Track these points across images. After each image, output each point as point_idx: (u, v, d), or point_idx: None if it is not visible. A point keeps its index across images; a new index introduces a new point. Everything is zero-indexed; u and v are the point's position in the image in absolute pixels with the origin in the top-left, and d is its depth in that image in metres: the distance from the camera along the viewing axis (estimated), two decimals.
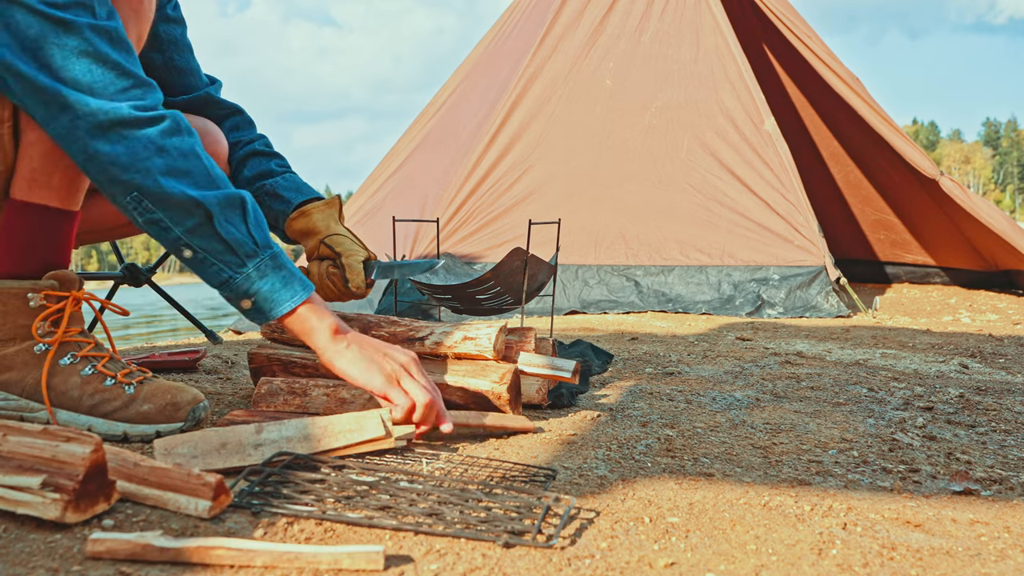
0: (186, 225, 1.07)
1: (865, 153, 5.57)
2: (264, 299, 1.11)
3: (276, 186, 1.47)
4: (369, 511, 0.88)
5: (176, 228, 1.07)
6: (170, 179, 1.04)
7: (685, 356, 2.26)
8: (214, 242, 1.08)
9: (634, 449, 1.23)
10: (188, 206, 1.06)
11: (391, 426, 1.08)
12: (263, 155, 1.51)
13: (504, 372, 1.35)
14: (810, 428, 1.40)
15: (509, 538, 0.82)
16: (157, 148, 1.04)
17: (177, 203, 1.05)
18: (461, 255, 3.96)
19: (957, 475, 1.15)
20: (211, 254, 1.08)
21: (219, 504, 0.86)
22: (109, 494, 0.84)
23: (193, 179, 1.06)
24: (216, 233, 1.07)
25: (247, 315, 1.13)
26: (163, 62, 1.43)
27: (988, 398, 1.70)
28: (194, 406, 1.20)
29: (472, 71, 5.29)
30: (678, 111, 4.33)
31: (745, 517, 0.94)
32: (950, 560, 0.84)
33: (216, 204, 1.07)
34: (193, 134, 1.09)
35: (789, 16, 4.65)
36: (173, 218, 1.06)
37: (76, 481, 0.80)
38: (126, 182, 1.04)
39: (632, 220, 4.09)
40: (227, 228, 1.08)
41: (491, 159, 4.21)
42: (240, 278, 1.09)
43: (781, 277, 3.81)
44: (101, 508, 0.83)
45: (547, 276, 1.79)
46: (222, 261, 1.09)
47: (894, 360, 2.25)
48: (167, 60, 1.44)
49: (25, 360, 1.18)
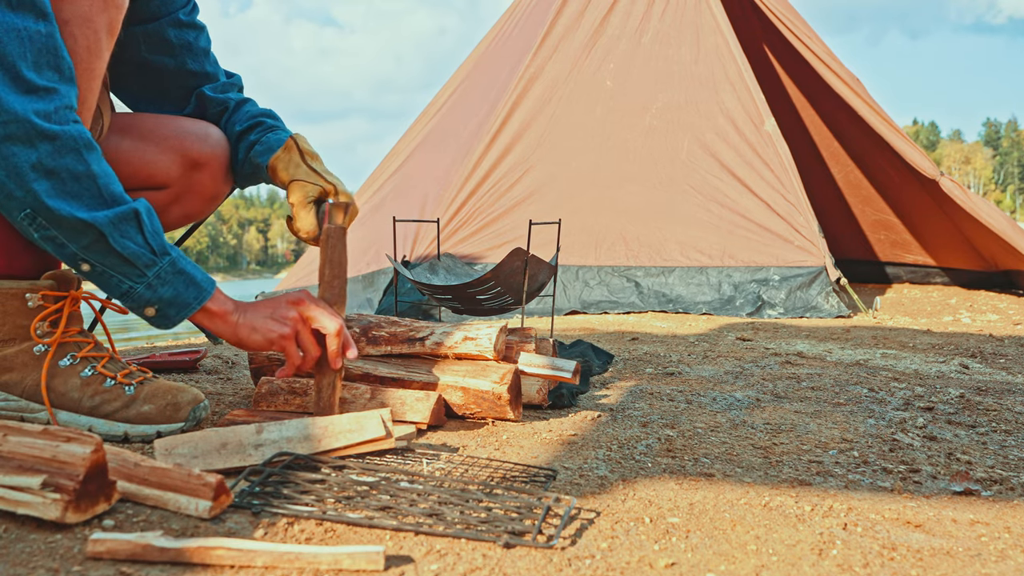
0: (81, 243, 1.04)
1: (865, 153, 5.57)
2: (168, 305, 1.09)
3: (256, 155, 1.41)
4: (369, 511, 0.88)
5: (72, 245, 1.04)
6: (59, 201, 1.01)
7: (686, 356, 2.26)
8: (111, 257, 1.06)
9: (635, 449, 1.23)
10: (80, 227, 1.03)
11: (391, 426, 1.08)
12: (243, 102, 1.46)
13: (504, 372, 1.35)
14: (810, 428, 1.40)
15: (509, 538, 0.82)
16: (46, 171, 1.00)
17: (69, 224, 1.02)
18: (462, 255, 3.96)
19: (957, 475, 1.15)
20: (109, 268, 1.06)
21: (219, 504, 0.86)
22: (110, 494, 0.84)
23: (83, 201, 1.03)
24: (112, 249, 1.05)
25: (152, 322, 1.12)
26: (176, 67, 1.42)
27: (988, 398, 1.70)
28: (194, 406, 1.20)
29: (472, 71, 5.29)
30: (678, 112, 4.33)
31: (745, 517, 0.94)
32: (950, 560, 0.84)
33: (108, 223, 1.04)
34: (93, 149, 1.05)
35: (789, 17, 4.65)
36: (68, 236, 1.03)
37: (76, 481, 0.80)
38: (20, 199, 1.00)
39: (632, 221, 4.09)
40: (123, 243, 1.05)
41: (492, 159, 4.21)
42: (141, 288, 1.08)
43: (781, 278, 3.80)
44: (102, 508, 0.83)
45: (547, 276, 1.79)
46: (121, 273, 1.07)
47: (894, 360, 2.25)
48: (180, 65, 1.43)
49: (25, 361, 1.18)
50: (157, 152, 1.37)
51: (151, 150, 1.37)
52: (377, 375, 1.39)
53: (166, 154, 1.37)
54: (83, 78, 1.08)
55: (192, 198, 1.43)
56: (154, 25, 1.37)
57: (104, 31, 1.09)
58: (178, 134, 1.38)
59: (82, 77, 1.08)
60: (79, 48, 1.06)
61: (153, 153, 1.37)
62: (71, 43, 1.05)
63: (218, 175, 1.43)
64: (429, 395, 1.30)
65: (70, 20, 1.05)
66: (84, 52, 1.07)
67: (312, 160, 1.37)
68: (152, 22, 1.37)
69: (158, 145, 1.37)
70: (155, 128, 1.39)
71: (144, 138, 1.37)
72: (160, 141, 1.37)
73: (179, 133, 1.39)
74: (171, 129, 1.39)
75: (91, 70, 1.09)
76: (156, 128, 1.39)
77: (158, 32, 1.38)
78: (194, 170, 1.39)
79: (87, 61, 1.08)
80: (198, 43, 1.44)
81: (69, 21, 1.05)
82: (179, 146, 1.38)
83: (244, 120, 1.45)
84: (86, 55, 1.08)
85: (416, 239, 3.95)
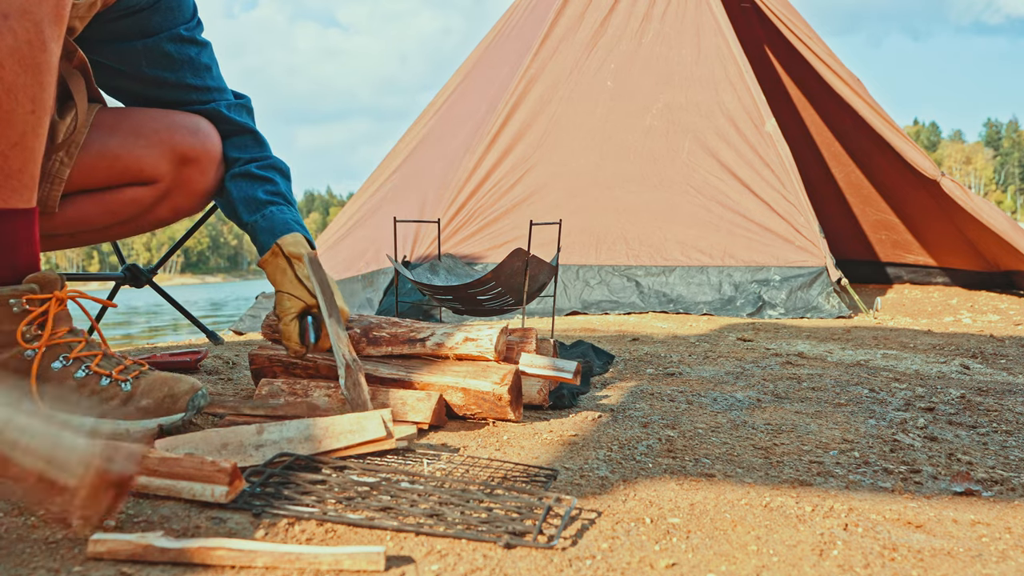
0: None
1: (866, 154, 5.57)
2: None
3: (256, 228, 1.42)
4: (370, 512, 0.88)
5: None
6: None
7: (686, 357, 2.26)
8: None
9: (635, 450, 1.23)
10: None
11: (392, 427, 1.08)
12: (255, 178, 1.46)
13: (505, 373, 1.35)
14: (811, 429, 1.40)
15: (510, 539, 0.82)
16: None
17: None
18: (462, 256, 3.96)
19: (958, 476, 1.15)
20: None
21: (235, 489, 0.87)
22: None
23: None
24: None
25: None
26: (176, 80, 1.42)
27: (989, 399, 1.70)
28: (192, 395, 1.20)
29: (473, 71, 5.30)
30: (679, 112, 4.33)
31: (746, 518, 0.94)
32: (951, 561, 0.84)
33: None
34: None
35: (790, 17, 4.65)
36: None
37: None
38: None
39: (633, 221, 4.10)
40: None
41: (492, 160, 4.21)
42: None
43: (782, 278, 3.80)
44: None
45: (548, 277, 1.79)
46: None
47: (895, 361, 2.25)
48: (180, 79, 1.42)
49: (16, 367, 1.17)
50: (146, 146, 1.36)
51: (140, 144, 1.36)
52: (378, 376, 1.39)
53: (155, 148, 1.37)
54: (29, 73, 1.04)
55: (182, 193, 1.43)
56: (154, 40, 1.37)
57: (47, 21, 1.05)
58: (167, 128, 1.38)
59: (28, 73, 1.04)
60: (20, 43, 1.03)
61: (142, 148, 1.36)
62: (11, 38, 1.02)
63: (208, 170, 1.43)
64: (430, 395, 1.30)
65: (8, 14, 1.02)
66: (26, 47, 1.03)
67: (299, 266, 1.39)
68: (152, 36, 1.37)
69: (148, 139, 1.36)
70: (144, 122, 1.38)
71: (133, 133, 1.36)
72: (150, 135, 1.37)
73: (169, 127, 1.38)
74: (161, 123, 1.38)
75: (36, 65, 1.05)
76: (145, 122, 1.38)
77: (158, 46, 1.37)
78: (184, 165, 1.39)
79: (30, 56, 1.04)
80: (199, 58, 1.44)
81: (8, 15, 1.02)
82: (169, 140, 1.37)
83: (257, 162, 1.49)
84: (28, 49, 1.04)
85: (416, 239, 3.95)
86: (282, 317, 1.38)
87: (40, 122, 1.09)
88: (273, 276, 1.40)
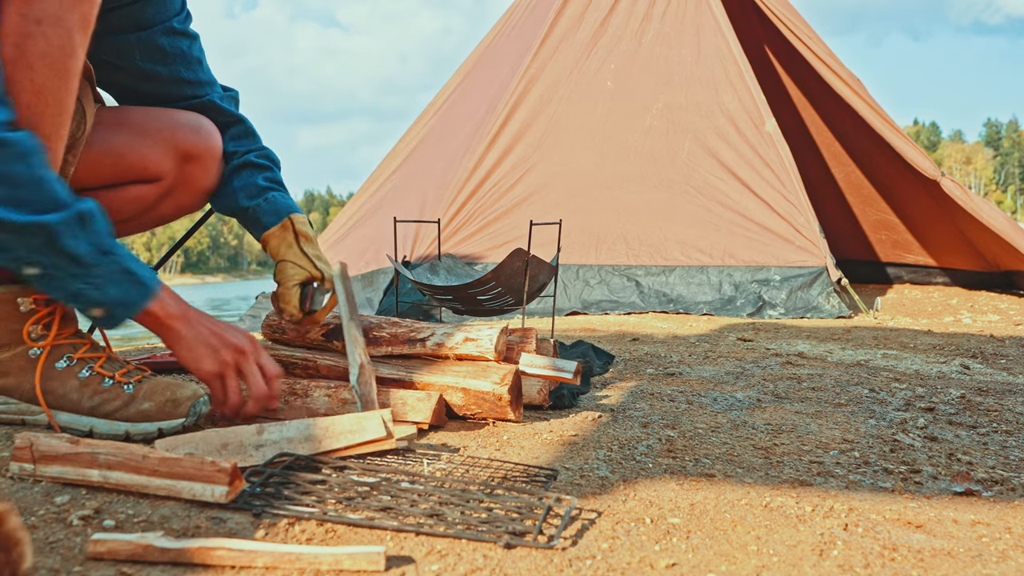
0: (31, 245, 1.02)
1: (866, 154, 5.57)
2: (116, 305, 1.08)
3: (258, 210, 1.45)
4: (370, 512, 0.88)
5: (19, 248, 1.02)
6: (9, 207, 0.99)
7: (686, 357, 2.26)
8: (60, 258, 1.04)
9: (635, 450, 1.23)
10: (31, 229, 1.01)
11: (392, 427, 1.08)
12: (254, 167, 1.49)
13: (505, 373, 1.35)
14: (811, 429, 1.40)
15: (510, 539, 0.82)
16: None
17: (18, 227, 1.00)
18: (462, 255, 3.96)
19: (958, 476, 1.15)
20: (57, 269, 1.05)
21: (235, 489, 0.87)
22: None
23: (33, 205, 1.01)
24: (61, 251, 1.03)
25: (99, 323, 1.11)
26: (169, 74, 1.43)
27: (989, 399, 1.70)
28: (194, 401, 1.20)
29: (472, 71, 5.29)
30: (679, 112, 4.33)
31: (746, 518, 0.94)
32: (951, 561, 0.84)
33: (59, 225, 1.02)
34: (40, 153, 1.03)
35: (790, 17, 4.65)
36: (17, 240, 1.01)
37: None
38: None
39: (633, 221, 4.09)
40: (73, 244, 1.03)
41: (492, 160, 4.21)
42: (89, 289, 1.06)
43: (782, 278, 3.80)
44: None
45: (548, 277, 1.79)
46: (70, 275, 1.05)
47: (895, 361, 2.25)
48: (173, 72, 1.43)
49: (21, 365, 1.18)
50: (149, 144, 1.37)
51: (143, 143, 1.37)
52: (378, 376, 1.39)
53: (158, 146, 1.37)
54: (58, 78, 1.06)
55: (185, 191, 1.43)
56: (147, 32, 1.37)
57: (77, 28, 1.07)
58: (170, 126, 1.38)
59: (57, 77, 1.06)
60: (52, 48, 1.04)
61: (145, 146, 1.37)
62: (43, 43, 1.03)
63: (211, 167, 1.43)
64: (430, 395, 1.30)
65: (41, 19, 1.03)
66: (57, 52, 1.05)
67: (305, 243, 1.44)
68: (146, 29, 1.37)
69: (151, 137, 1.37)
70: (146, 120, 1.39)
71: (136, 131, 1.37)
72: (152, 133, 1.37)
73: (171, 125, 1.39)
74: (163, 121, 1.39)
75: (66, 70, 1.07)
76: (147, 120, 1.39)
77: (152, 39, 1.38)
78: (186, 162, 1.40)
79: (61, 61, 1.06)
80: (191, 52, 1.45)
81: (41, 20, 1.03)
82: (172, 138, 1.38)
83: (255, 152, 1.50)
84: (60, 55, 1.05)
85: (416, 239, 3.95)
86: (284, 283, 1.42)
87: (64, 124, 1.11)
88: (277, 248, 1.43)
